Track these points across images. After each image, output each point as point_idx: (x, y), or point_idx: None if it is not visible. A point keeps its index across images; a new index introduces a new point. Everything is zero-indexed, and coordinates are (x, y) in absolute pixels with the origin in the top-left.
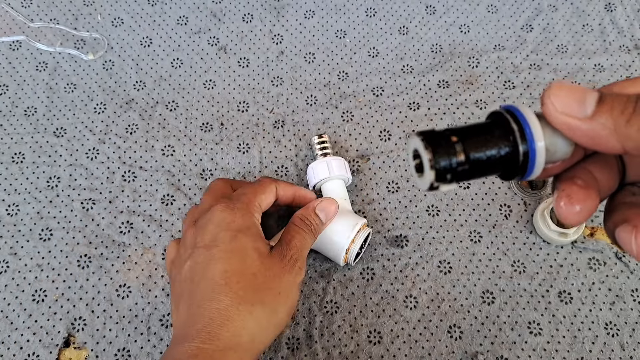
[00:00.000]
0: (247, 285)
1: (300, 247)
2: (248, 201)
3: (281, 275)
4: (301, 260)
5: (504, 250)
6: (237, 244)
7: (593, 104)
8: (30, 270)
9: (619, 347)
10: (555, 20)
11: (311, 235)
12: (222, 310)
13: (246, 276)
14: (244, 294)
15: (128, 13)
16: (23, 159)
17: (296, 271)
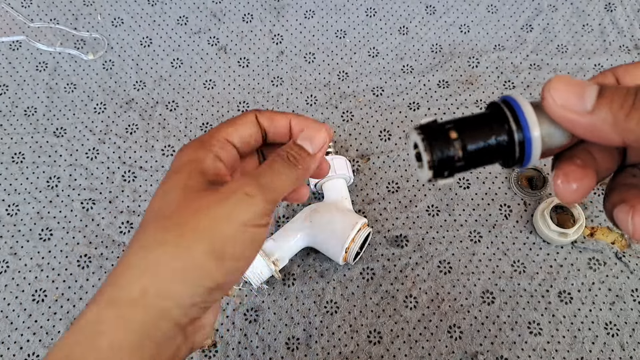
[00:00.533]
0: (155, 227)
1: (262, 177)
2: (208, 135)
3: (206, 207)
4: (254, 188)
5: (504, 250)
6: (166, 185)
7: (593, 98)
8: (30, 270)
9: (619, 347)
10: (555, 20)
11: (289, 168)
12: (125, 257)
13: (158, 217)
14: (145, 236)
15: (128, 13)
16: (23, 159)
17: (236, 200)
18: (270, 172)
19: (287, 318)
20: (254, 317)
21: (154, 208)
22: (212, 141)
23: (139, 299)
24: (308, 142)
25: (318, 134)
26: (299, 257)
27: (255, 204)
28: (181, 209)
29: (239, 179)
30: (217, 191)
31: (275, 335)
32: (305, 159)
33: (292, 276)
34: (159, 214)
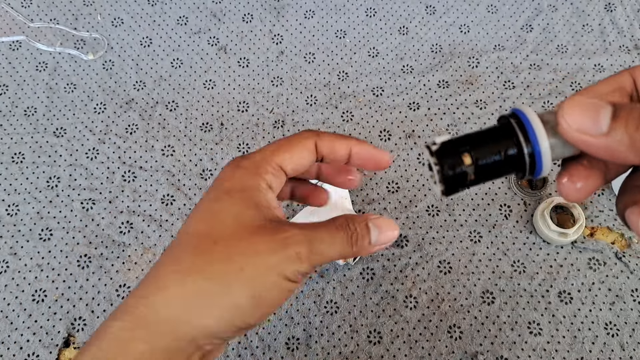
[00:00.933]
0: (198, 250)
1: (317, 242)
2: (260, 159)
3: (256, 251)
4: (305, 250)
5: (504, 250)
6: (217, 206)
7: (607, 120)
8: (30, 270)
9: (619, 347)
10: (555, 21)
11: (345, 245)
12: (160, 275)
13: (204, 241)
14: (187, 259)
15: (128, 13)
16: (23, 159)
17: (286, 256)
18: (328, 240)
19: (287, 318)
20: None
21: (199, 227)
22: (266, 167)
23: (172, 326)
24: (377, 231)
25: (391, 231)
26: None
27: (302, 265)
28: (231, 242)
29: (294, 233)
30: (270, 236)
31: (275, 335)
32: (364, 245)
33: None
34: (205, 236)
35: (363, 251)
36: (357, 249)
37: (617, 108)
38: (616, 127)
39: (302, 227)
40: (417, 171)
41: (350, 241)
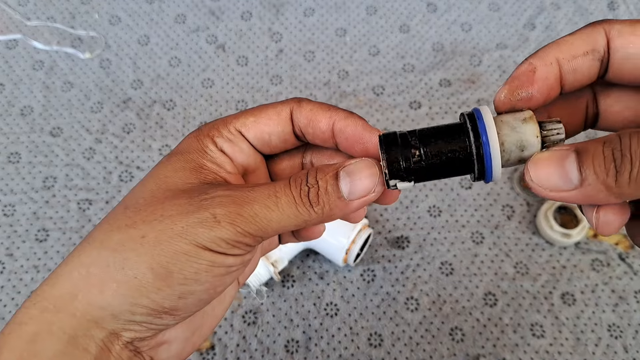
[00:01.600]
0: (106, 220)
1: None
2: (219, 122)
3: (162, 216)
4: (225, 211)
5: (507, 252)
6: (152, 171)
7: (575, 172)
8: (27, 272)
9: (622, 349)
10: (558, 19)
11: (296, 205)
12: (75, 248)
13: (117, 209)
14: (95, 231)
15: (126, 11)
16: (19, 158)
17: (197, 220)
18: (266, 199)
19: (286, 320)
20: (253, 319)
21: (131, 193)
22: (220, 129)
23: (67, 303)
24: (348, 180)
25: (367, 175)
26: (299, 258)
27: (219, 229)
28: (142, 208)
29: (217, 194)
30: (186, 199)
31: (275, 337)
32: (333, 204)
33: (292, 278)
34: (121, 204)
35: (334, 211)
36: (322, 210)
37: (581, 154)
38: (587, 178)
39: (233, 187)
40: None
41: (306, 199)
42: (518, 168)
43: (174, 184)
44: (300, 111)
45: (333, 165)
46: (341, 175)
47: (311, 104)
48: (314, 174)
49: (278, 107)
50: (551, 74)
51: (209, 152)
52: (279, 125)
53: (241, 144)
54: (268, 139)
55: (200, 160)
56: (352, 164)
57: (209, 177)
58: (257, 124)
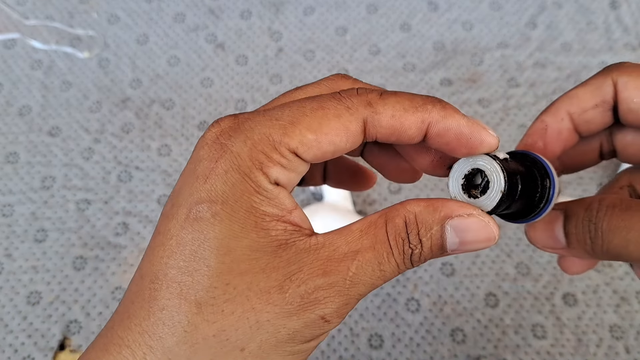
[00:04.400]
0: (177, 323)
1: (355, 281)
2: (261, 138)
3: (257, 323)
4: (336, 307)
5: (508, 252)
6: (190, 235)
7: (563, 237)
8: (25, 272)
9: (624, 350)
10: (560, 18)
11: (398, 267)
12: (112, 339)
13: (183, 306)
14: (166, 340)
15: (124, 10)
16: (18, 158)
17: (304, 324)
18: (373, 280)
19: None
20: None
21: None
22: (269, 152)
23: None
24: (457, 240)
25: (484, 239)
26: None
27: (329, 326)
28: (226, 308)
29: (318, 284)
30: (279, 292)
31: None
32: (429, 258)
33: None
34: (194, 297)
35: (423, 261)
36: (419, 264)
37: (567, 219)
38: (571, 244)
39: (331, 263)
40: None
41: (409, 261)
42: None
43: (246, 261)
44: (378, 121)
45: (436, 212)
46: (448, 231)
47: (389, 105)
48: (414, 227)
49: (344, 118)
50: (564, 129)
51: (265, 192)
52: (347, 143)
53: (297, 168)
54: (329, 157)
55: (258, 207)
56: (464, 221)
57: (278, 230)
58: (319, 143)
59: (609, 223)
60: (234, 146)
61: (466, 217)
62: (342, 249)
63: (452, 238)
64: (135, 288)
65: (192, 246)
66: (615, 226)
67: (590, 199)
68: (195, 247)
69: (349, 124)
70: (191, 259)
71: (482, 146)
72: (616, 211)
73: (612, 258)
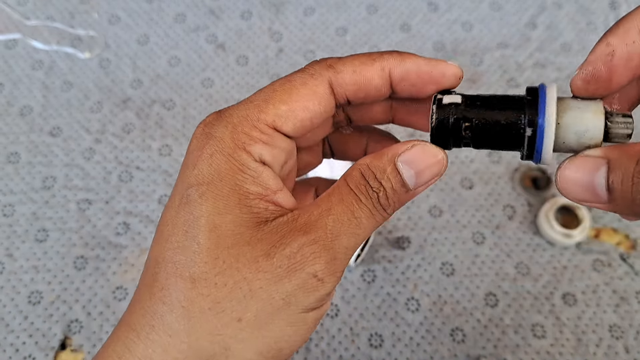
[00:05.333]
0: (174, 299)
1: (335, 233)
2: (240, 118)
3: (251, 291)
4: (324, 262)
5: (508, 252)
6: (183, 217)
7: (604, 191)
8: (26, 272)
9: (624, 349)
10: (560, 18)
11: (373, 215)
12: (121, 326)
13: (179, 283)
14: (167, 316)
15: (125, 10)
16: (19, 158)
17: (297, 286)
18: (353, 230)
19: None
20: None
21: (168, 256)
22: (250, 132)
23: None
24: (412, 172)
25: (433, 161)
26: None
27: (324, 286)
28: (219, 281)
29: (301, 242)
30: (267, 259)
31: None
32: (402, 200)
33: None
34: (189, 273)
35: (401, 204)
36: (393, 209)
37: (612, 170)
38: (615, 198)
39: (309, 224)
40: None
41: (379, 205)
42: (519, 168)
43: (231, 236)
44: (342, 79)
45: (384, 155)
46: (401, 167)
47: (348, 63)
48: (370, 174)
49: (310, 82)
50: (635, 53)
51: (249, 170)
52: (320, 106)
53: (280, 143)
54: (309, 127)
55: (243, 186)
56: (409, 152)
57: (260, 207)
58: (294, 112)
59: None
60: (217, 132)
61: (410, 148)
62: (316, 211)
63: (407, 171)
64: (142, 276)
65: (183, 227)
66: None
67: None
68: (186, 227)
69: (316, 88)
70: (183, 238)
71: (446, 77)
72: None
73: None
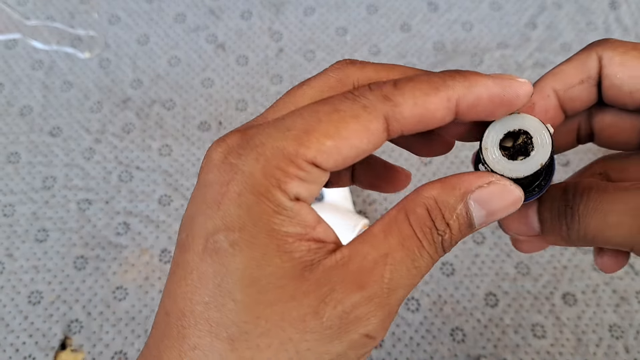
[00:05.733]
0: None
1: (393, 287)
2: (275, 152)
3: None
4: (379, 320)
5: (508, 252)
6: (211, 268)
7: (536, 222)
8: (26, 272)
9: (624, 349)
10: (559, 18)
11: (433, 259)
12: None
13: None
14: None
15: (125, 10)
16: (19, 158)
17: (348, 345)
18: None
19: None
20: None
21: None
22: (285, 168)
23: None
24: (483, 209)
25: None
26: None
27: (375, 342)
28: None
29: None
30: (318, 317)
31: None
32: (461, 237)
33: None
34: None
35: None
36: (450, 249)
37: (541, 203)
38: (545, 228)
39: (363, 273)
40: (419, 171)
41: (441, 249)
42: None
43: (272, 290)
44: (400, 113)
45: (455, 190)
46: (472, 207)
47: (408, 93)
48: (438, 213)
49: (363, 117)
50: (550, 106)
51: (285, 211)
52: (370, 143)
53: (319, 178)
54: (351, 162)
55: (279, 229)
56: (484, 191)
57: (302, 251)
58: (339, 149)
59: (586, 206)
60: (245, 165)
61: (486, 186)
62: (370, 255)
63: (478, 212)
64: (162, 326)
65: (214, 280)
66: (593, 209)
67: (565, 183)
68: (218, 280)
69: (369, 124)
70: (216, 293)
71: (519, 99)
72: (593, 194)
73: (588, 243)
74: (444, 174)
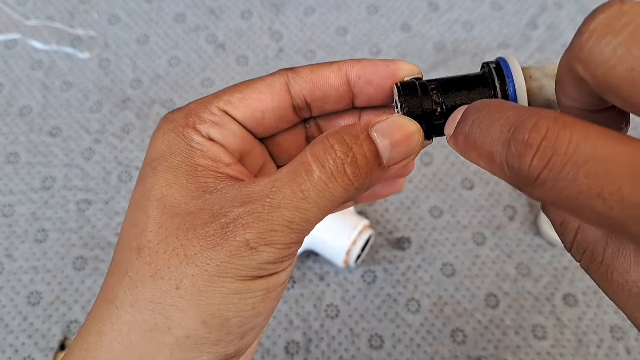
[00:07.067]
0: (121, 270)
1: (274, 206)
2: (195, 105)
3: (187, 257)
4: (256, 232)
5: (508, 253)
6: (139, 191)
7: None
8: (26, 272)
9: (625, 350)
10: (560, 18)
11: (327, 185)
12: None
13: (127, 254)
14: (112, 285)
15: (125, 10)
16: (18, 159)
17: (229, 253)
18: (297, 204)
19: (286, 322)
20: None
21: (124, 230)
22: (199, 113)
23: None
24: (387, 142)
25: (408, 134)
26: (299, 259)
27: (259, 254)
28: (160, 249)
29: (236, 212)
30: (204, 227)
31: (275, 339)
32: (371, 172)
33: (292, 279)
34: (126, 246)
35: (374, 182)
36: (362, 183)
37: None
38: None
39: (246, 194)
40: (419, 171)
41: (344, 173)
42: None
43: (176, 205)
44: (299, 77)
45: (356, 126)
46: (375, 137)
47: (308, 66)
48: (340, 139)
49: (269, 79)
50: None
51: (197, 145)
52: (273, 100)
53: (230, 126)
54: (261, 118)
55: (191, 159)
56: (384, 122)
57: (209, 178)
58: (246, 101)
59: None
60: (172, 115)
61: (385, 119)
62: (262, 182)
63: (382, 141)
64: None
65: (138, 200)
66: None
67: None
68: (138, 198)
69: (272, 83)
70: (135, 210)
71: (401, 69)
72: None
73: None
74: (444, 174)
